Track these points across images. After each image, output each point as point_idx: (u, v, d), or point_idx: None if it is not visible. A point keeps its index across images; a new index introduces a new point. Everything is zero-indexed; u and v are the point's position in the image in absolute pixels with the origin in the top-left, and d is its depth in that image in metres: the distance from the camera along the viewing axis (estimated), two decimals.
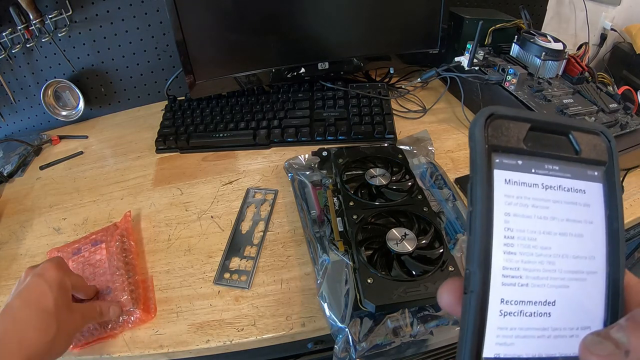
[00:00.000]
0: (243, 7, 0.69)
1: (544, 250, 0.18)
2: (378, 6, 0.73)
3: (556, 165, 0.19)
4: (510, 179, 0.18)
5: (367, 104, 0.75)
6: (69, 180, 0.71)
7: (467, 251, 0.18)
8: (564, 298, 0.18)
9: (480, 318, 0.17)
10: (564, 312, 0.18)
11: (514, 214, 0.18)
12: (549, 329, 0.18)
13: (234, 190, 0.63)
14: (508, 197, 0.18)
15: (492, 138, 0.18)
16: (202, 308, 0.48)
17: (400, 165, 0.56)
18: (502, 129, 0.18)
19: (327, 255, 0.48)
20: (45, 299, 0.38)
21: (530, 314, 0.18)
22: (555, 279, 0.18)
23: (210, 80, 0.75)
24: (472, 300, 0.18)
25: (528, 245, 0.18)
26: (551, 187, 0.19)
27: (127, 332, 0.47)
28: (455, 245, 0.49)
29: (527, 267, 0.18)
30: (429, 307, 0.43)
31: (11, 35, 0.73)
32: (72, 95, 0.84)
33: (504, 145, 0.18)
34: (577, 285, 0.19)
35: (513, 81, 0.66)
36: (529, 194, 0.18)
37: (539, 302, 0.18)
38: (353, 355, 0.40)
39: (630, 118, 0.61)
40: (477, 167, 0.18)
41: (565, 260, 0.18)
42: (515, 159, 0.18)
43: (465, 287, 0.18)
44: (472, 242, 0.18)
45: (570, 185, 0.19)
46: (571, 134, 0.19)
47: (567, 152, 0.19)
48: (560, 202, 0.19)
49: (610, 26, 0.90)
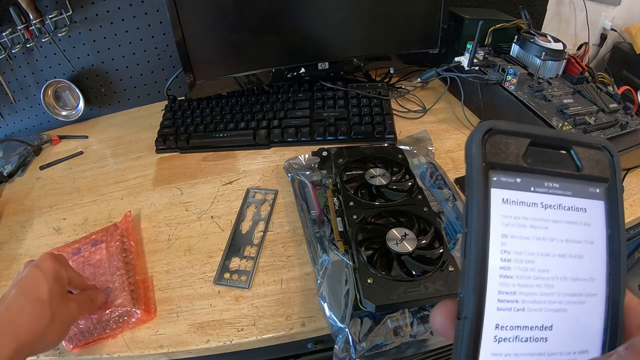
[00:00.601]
0: (243, 7, 0.69)
1: (542, 273, 0.18)
2: (378, 6, 0.73)
3: (556, 182, 0.18)
4: (508, 199, 0.18)
5: (367, 104, 0.75)
6: (69, 180, 0.71)
7: (462, 274, 0.18)
8: (561, 322, 0.18)
9: (473, 345, 0.17)
10: (562, 336, 0.18)
11: (512, 235, 0.17)
12: (545, 354, 0.17)
13: (234, 190, 0.63)
14: (505, 218, 0.17)
15: (489, 155, 0.17)
16: (202, 308, 0.48)
17: (400, 165, 0.56)
18: (501, 145, 0.18)
19: (327, 255, 0.48)
20: (40, 288, 0.38)
21: (526, 339, 0.17)
22: (553, 302, 0.18)
23: (210, 80, 0.75)
24: (466, 327, 0.17)
25: (525, 268, 0.17)
26: (551, 206, 0.18)
27: (127, 332, 0.47)
28: (455, 245, 0.49)
29: (523, 290, 0.17)
30: (429, 307, 0.43)
31: (11, 35, 0.73)
32: (72, 95, 0.84)
33: (502, 162, 0.18)
34: (575, 309, 0.18)
35: (513, 81, 0.66)
36: (528, 214, 0.18)
37: (536, 327, 0.17)
38: (353, 355, 0.40)
39: (630, 118, 0.61)
40: (473, 186, 0.17)
41: (564, 282, 0.18)
42: (513, 176, 0.18)
43: (459, 313, 0.18)
44: (467, 266, 0.17)
45: (571, 203, 0.18)
46: (573, 149, 0.19)
47: (568, 169, 0.18)
48: (560, 221, 0.18)
49: (610, 26, 0.90)
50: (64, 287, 0.41)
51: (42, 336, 0.36)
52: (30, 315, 0.36)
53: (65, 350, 0.45)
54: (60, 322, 0.38)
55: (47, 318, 0.37)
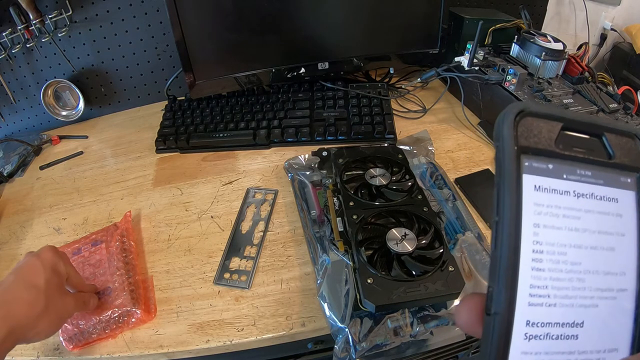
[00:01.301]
0: (243, 7, 0.69)
1: (574, 266, 0.17)
2: (378, 6, 0.73)
3: (588, 170, 0.17)
4: (540, 185, 0.16)
5: (367, 104, 0.75)
6: (69, 180, 0.71)
7: (492, 266, 0.17)
8: (592, 319, 0.17)
9: (504, 343, 0.16)
10: (592, 334, 0.17)
11: (544, 225, 0.16)
12: (575, 352, 0.17)
13: (234, 190, 0.63)
14: (537, 206, 0.16)
15: (521, 138, 0.16)
16: (202, 308, 0.48)
17: (400, 165, 0.56)
18: (533, 129, 0.17)
19: (327, 255, 0.48)
20: (37, 276, 0.38)
21: (557, 336, 0.16)
22: (585, 297, 0.17)
23: (210, 80, 0.75)
24: (497, 324, 0.16)
25: (558, 260, 0.16)
26: (583, 195, 0.17)
27: (127, 332, 0.47)
28: (455, 245, 0.49)
29: (555, 285, 0.16)
30: (429, 307, 0.43)
31: (11, 35, 0.73)
32: (72, 95, 0.84)
33: (535, 146, 0.17)
34: (606, 305, 0.17)
35: (513, 81, 0.66)
36: (560, 202, 0.17)
37: (567, 323, 0.17)
38: (353, 355, 0.40)
39: (630, 118, 0.61)
40: (505, 170, 0.16)
41: (595, 277, 0.17)
42: (546, 162, 0.17)
43: (488, 308, 0.16)
44: (498, 257, 0.16)
45: (603, 193, 0.17)
46: (604, 136, 0.18)
47: (599, 156, 0.17)
48: (592, 211, 0.17)
49: (610, 26, 0.90)
50: (61, 280, 0.41)
51: (35, 323, 0.37)
52: (24, 301, 0.37)
53: (65, 350, 0.45)
54: (55, 313, 0.39)
55: (41, 306, 0.37)
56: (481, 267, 0.47)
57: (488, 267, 0.45)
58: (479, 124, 0.72)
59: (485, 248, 0.49)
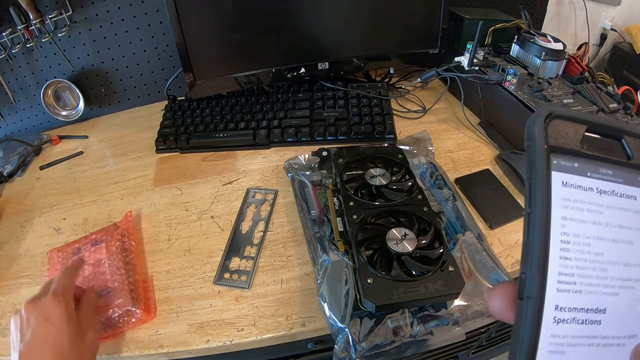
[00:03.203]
0: (243, 7, 0.69)
1: (597, 256, 0.18)
2: (378, 6, 0.73)
3: (609, 169, 0.19)
4: (567, 182, 0.18)
5: (367, 104, 0.75)
6: (69, 180, 0.71)
7: (524, 254, 0.18)
8: (614, 306, 0.18)
9: (536, 325, 0.17)
10: (613, 320, 0.18)
11: (570, 217, 0.18)
12: (598, 337, 0.18)
13: (234, 190, 0.63)
14: (565, 201, 0.18)
15: (550, 138, 0.18)
16: (202, 308, 0.48)
17: (400, 165, 0.56)
18: (560, 130, 0.18)
19: (327, 255, 0.48)
20: (60, 341, 0.38)
21: (582, 321, 0.18)
22: (607, 286, 0.18)
23: (210, 80, 0.75)
24: (530, 307, 0.17)
25: (582, 250, 0.18)
26: (605, 191, 0.19)
27: (127, 332, 0.47)
28: (455, 245, 0.49)
29: (581, 273, 0.18)
30: (429, 307, 0.43)
31: (11, 35, 0.73)
32: (72, 95, 0.84)
33: (562, 146, 0.18)
34: (626, 294, 0.18)
35: (513, 81, 0.66)
36: (585, 198, 0.18)
37: (591, 309, 0.18)
38: (353, 355, 0.40)
39: (630, 118, 0.61)
40: (537, 167, 0.18)
41: (616, 267, 0.18)
42: (572, 161, 0.18)
43: (521, 292, 0.18)
44: (530, 245, 0.18)
45: (622, 190, 0.19)
46: (624, 139, 0.19)
47: (619, 157, 0.19)
48: (613, 207, 0.19)
49: (610, 26, 0.90)
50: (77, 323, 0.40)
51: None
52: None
53: None
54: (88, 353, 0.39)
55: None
56: (481, 267, 0.47)
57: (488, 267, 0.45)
58: (479, 124, 0.72)
59: (485, 248, 0.49)
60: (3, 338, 0.48)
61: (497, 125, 0.69)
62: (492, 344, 0.70)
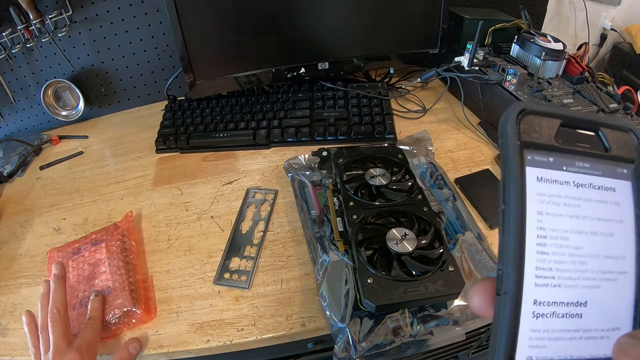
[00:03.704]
0: (243, 7, 0.69)
1: (576, 250, 0.18)
2: (378, 6, 0.73)
3: (587, 162, 0.19)
4: (542, 177, 0.18)
5: (367, 104, 0.75)
6: (69, 180, 0.71)
7: (500, 251, 0.18)
8: (595, 299, 0.18)
9: (514, 320, 0.17)
10: (595, 313, 0.18)
11: (547, 212, 0.18)
12: (580, 330, 0.18)
13: (234, 190, 0.63)
14: (540, 195, 0.18)
15: (524, 134, 0.18)
16: (202, 308, 0.48)
17: (400, 165, 0.56)
18: (534, 125, 0.18)
19: (327, 255, 0.48)
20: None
21: (562, 315, 0.18)
22: (587, 279, 0.18)
23: (210, 80, 0.75)
24: (507, 302, 0.17)
25: (560, 245, 0.18)
26: (582, 185, 0.19)
27: (127, 332, 0.47)
28: (455, 245, 0.49)
29: (559, 267, 0.18)
30: (429, 307, 0.43)
31: (11, 35, 0.73)
32: (72, 95, 0.84)
33: (536, 141, 0.18)
34: (607, 286, 0.18)
35: (513, 81, 0.66)
36: (561, 192, 0.18)
37: (571, 303, 0.18)
38: (353, 355, 0.40)
39: (630, 118, 0.61)
40: (510, 164, 0.18)
41: (596, 260, 0.18)
42: (546, 156, 0.18)
43: (498, 289, 0.18)
44: (506, 242, 0.18)
45: (601, 183, 0.19)
46: (600, 131, 0.19)
47: (597, 149, 0.19)
48: (591, 200, 0.19)
49: (610, 26, 0.90)
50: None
51: None
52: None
53: None
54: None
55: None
56: (481, 267, 0.47)
57: (488, 267, 0.45)
58: (479, 124, 0.72)
59: (485, 248, 0.49)
60: (3, 338, 0.48)
61: (497, 125, 0.69)
62: None
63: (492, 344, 0.18)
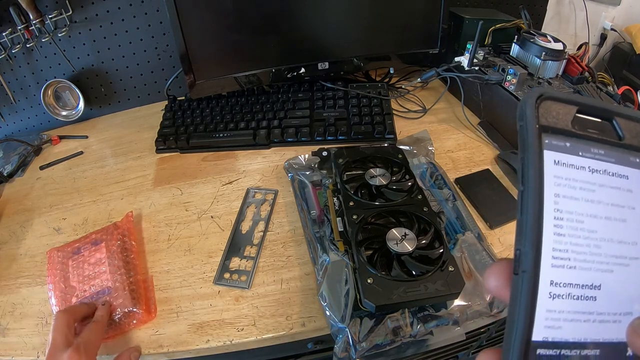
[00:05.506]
0: (243, 7, 0.69)
1: (591, 233, 0.18)
2: (378, 6, 0.73)
3: (601, 149, 0.19)
4: (559, 160, 0.18)
5: (367, 104, 0.75)
6: (69, 180, 0.71)
7: (518, 231, 0.18)
8: (608, 282, 0.18)
9: (531, 299, 0.17)
10: (609, 296, 0.18)
11: (563, 195, 0.18)
12: (594, 313, 0.18)
13: (234, 190, 0.63)
14: (557, 178, 0.18)
15: (542, 118, 0.18)
16: (202, 308, 0.48)
17: (400, 165, 0.56)
18: (551, 111, 0.19)
19: (327, 255, 0.48)
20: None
21: (577, 297, 0.18)
22: (601, 262, 0.18)
23: (210, 80, 0.75)
24: (525, 281, 0.17)
25: (576, 227, 0.18)
26: (597, 170, 0.19)
27: (127, 332, 0.47)
28: (455, 245, 0.49)
29: (575, 249, 0.18)
30: (429, 307, 0.43)
31: (11, 35, 0.73)
32: (72, 95, 0.84)
33: (553, 126, 0.19)
34: (620, 270, 0.19)
35: (513, 81, 0.66)
36: (577, 176, 0.18)
37: (586, 285, 0.18)
38: (353, 355, 0.40)
39: None
40: (529, 146, 0.18)
41: (610, 244, 0.19)
42: (563, 140, 0.19)
43: (516, 268, 0.18)
44: (524, 222, 0.18)
45: (614, 170, 0.19)
46: (615, 120, 0.19)
47: (611, 137, 0.19)
48: (605, 186, 0.19)
49: (610, 26, 0.90)
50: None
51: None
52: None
53: None
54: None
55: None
56: (481, 267, 0.47)
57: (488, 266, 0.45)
58: (479, 124, 0.72)
59: (485, 248, 0.49)
60: (3, 338, 0.48)
61: (497, 125, 0.69)
62: (492, 344, 0.70)
63: (509, 325, 0.18)
